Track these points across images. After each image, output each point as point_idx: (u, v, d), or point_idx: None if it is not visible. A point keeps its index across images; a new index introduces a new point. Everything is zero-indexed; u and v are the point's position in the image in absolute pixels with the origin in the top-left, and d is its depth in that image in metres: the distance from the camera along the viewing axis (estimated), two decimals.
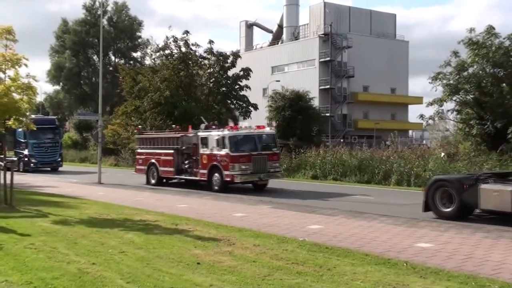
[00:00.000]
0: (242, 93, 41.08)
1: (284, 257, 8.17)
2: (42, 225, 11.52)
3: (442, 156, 23.14)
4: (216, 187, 19.69)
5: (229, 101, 41.14)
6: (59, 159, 35.99)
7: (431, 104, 28.53)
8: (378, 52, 64.67)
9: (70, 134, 66.17)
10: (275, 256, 8.25)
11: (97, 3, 69.34)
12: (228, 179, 19.28)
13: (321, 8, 64.52)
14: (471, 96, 27.69)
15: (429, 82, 27.68)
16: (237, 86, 40.74)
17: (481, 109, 26.72)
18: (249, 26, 77.10)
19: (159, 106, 38.10)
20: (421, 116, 29.70)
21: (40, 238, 9.82)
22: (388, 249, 8.86)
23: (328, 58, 62.05)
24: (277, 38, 73.16)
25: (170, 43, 40.23)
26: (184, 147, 21.58)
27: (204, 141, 20.47)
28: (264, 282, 6.69)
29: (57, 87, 75.50)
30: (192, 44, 39.64)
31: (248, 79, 41.13)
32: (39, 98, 74.94)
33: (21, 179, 25.54)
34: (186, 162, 21.65)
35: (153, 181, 23.02)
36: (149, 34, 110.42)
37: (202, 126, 21.66)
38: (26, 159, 33.98)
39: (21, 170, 32.89)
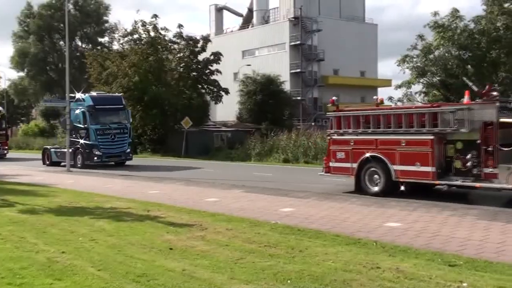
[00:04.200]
0: (213, 77, 40.99)
1: (256, 240, 8.22)
2: (8, 214, 11.28)
3: None
4: None
5: (200, 86, 41.01)
6: (129, 150, 27.22)
7: (399, 86, 29.11)
8: (348, 36, 65.00)
9: (37, 121, 64.77)
10: (247, 240, 8.30)
11: None
12: None
13: None
14: (438, 78, 28.30)
15: (397, 65, 28.14)
16: (208, 71, 40.63)
17: (447, 90, 27.32)
18: (219, 10, 76.37)
19: (128, 92, 37.66)
20: (390, 99, 30.21)
21: (7, 228, 9.62)
22: (359, 230, 9.02)
23: (299, 42, 62.05)
24: (247, 22, 72.73)
25: (138, 27, 39.72)
26: (462, 130, 12.39)
27: None
28: (237, 266, 6.73)
29: (22, 74, 73.64)
30: (161, 28, 39.30)
31: (219, 64, 40.99)
32: (3, 84, 73.14)
33: None
34: (468, 156, 12.36)
35: (375, 188, 13.73)
36: (117, 18, 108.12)
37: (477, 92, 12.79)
38: (86, 150, 25.95)
39: (78, 164, 25.93)
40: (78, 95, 27.58)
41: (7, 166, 27.46)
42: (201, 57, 40.42)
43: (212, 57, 40.29)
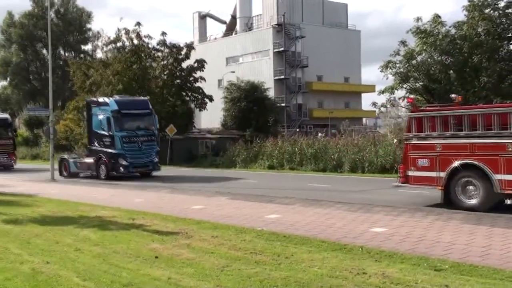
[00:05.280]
0: (197, 85, 40.92)
1: (242, 247, 8.20)
2: None
3: (394, 142, 23.78)
4: None
5: (184, 93, 40.91)
6: (156, 160, 24.48)
7: (382, 92, 29.34)
8: (331, 42, 65.56)
9: (20, 130, 63.97)
10: (233, 247, 8.28)
11: None
12: None
13: None
14: (421, 83, 28.58)
15: (380, 71, 28.39)
16: (192, 78, 40.55)
17: (430, 95, 27.59)
18: (202, 17, 76.50)
19: None
20: (374, 104, 30.45)
21: None
22: (344, 235, 9.04)
23: (282, 49, 62.39)
24: (230, 29, 72.93)
25: (121, 35, 39.57)
26: None
27: None
28: (223, 273, 6.71)
29: (4, 83, 72.99)
30: (145, 36, 39.17)
31: (203, 71, 40.96)
32: None
33: None
34: None
35: (472, 201, 11.52)
36: (101, 26, 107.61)
37: None
38: (111, 160, 23.39)
39: (102, 176, 23.64)
40: (101, 99, 25.35)
41: (14, 177, 26.90)
42: (185, 64, 40.36)
43: (196, 65, 40.25)
